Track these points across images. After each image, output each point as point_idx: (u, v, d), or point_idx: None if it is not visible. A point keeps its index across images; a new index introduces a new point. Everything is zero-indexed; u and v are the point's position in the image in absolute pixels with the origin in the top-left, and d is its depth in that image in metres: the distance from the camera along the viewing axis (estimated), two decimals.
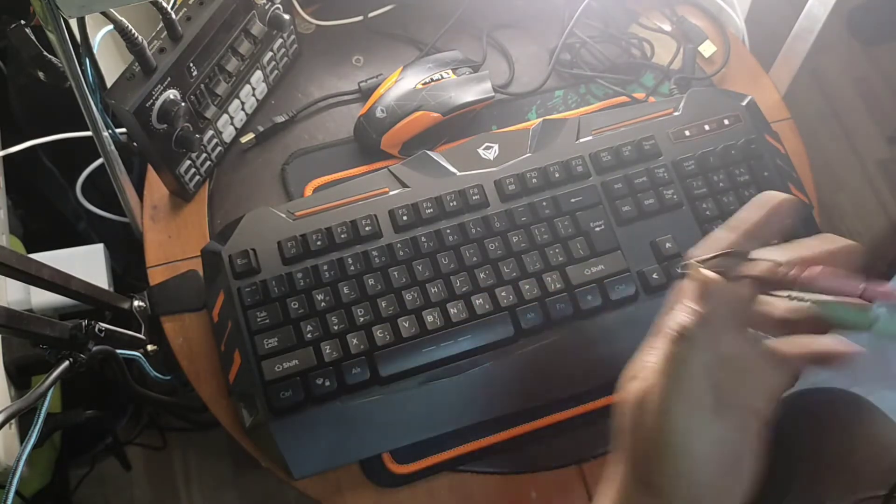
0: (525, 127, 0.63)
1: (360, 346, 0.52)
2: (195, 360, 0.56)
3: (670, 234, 0.57)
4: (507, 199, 0.57)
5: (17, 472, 0.42)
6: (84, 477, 0.94)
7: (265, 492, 1.06)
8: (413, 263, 0.55)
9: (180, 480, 1.07)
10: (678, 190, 0.58)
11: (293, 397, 0.51)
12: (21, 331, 0.43)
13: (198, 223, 0.61)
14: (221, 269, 0.54)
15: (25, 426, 0.49)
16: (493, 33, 0.70)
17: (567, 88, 0.68)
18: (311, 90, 0.67)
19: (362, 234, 0.55)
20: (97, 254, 0.62)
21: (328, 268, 0.54)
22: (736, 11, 0.71)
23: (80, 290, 0.50)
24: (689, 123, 0.61)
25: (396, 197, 0.57)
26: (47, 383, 0.44)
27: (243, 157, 0.64)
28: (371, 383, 0.52)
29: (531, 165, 0.58)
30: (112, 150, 0.53)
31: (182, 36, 0.52)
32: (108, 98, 0.50)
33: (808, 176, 0.64)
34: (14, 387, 0.56)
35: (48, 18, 0.41)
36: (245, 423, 0.52)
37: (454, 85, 0.63)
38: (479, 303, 0.54)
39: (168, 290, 0.58)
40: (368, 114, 0.63)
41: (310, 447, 0.51)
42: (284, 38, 0.64)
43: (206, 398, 0.55)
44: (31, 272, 0.44)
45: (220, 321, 0.54)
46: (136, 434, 0.99)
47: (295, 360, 0.52)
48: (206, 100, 0.57)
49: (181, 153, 0.57)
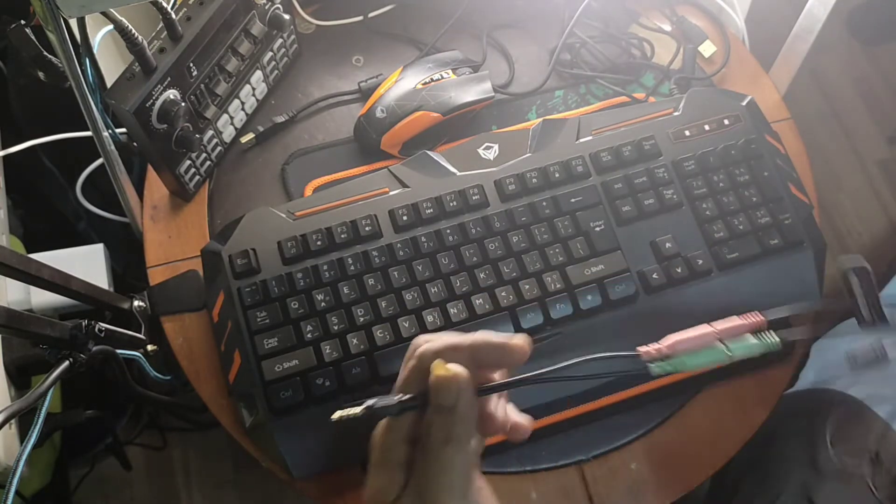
0: (525, 127, 0.63)
1: (360, 346, 0.52)
2: (195, 360, 0.56)
3: (670, 234, 0.57)
4: (507, 199, 0.57)
5: (17, 472, 0.42)
6: (84, 477, 0.94)
7: (265, 492, 1.06)
8: (413, 263, 0.55)
9: (180, 480, 1.07)
10: (678, 190, 0.58)
11: (293, 397, 0.51)
12: (21, 331, 0.43)
13: (198, 223, 0.61)
14: (221, 269, 0.54)
15: (25, 426, 0.49)
16: (493, 33, 0.70)
17: (567, 88, 0.68)
18: (311, 90, 0.67)
19: (362, 234, 0.55)
20: (97, 254, 0.62)
21: (328, 268, 0.54)
22: (736, 11, 0.71)
23: (80, 290, 0.50)
24: (689, 123, 0.61)
25: (396, 197, 0.57)
26: (47, 383, 0.44)
27: (243, 157, 0.64)
28: (371, 383, 0.52)
29: (531, 165, 0.58)
30: (112, 150, 0.53)
31: (182, 36, 0.52)
32: (108, 98, 0.50)
33: (808, 176, 0.64)
34: (14, 387, 0.56)
35: (48, 18, 0.41)
36: (245, 423, 0.52)
37: (454, 85, 0.63)
38: (479, 303, 0.54)
39: (168, 290, 0.58)
40: (368, 114, 0.63)
41: (310, 447, 0.51)
42: (284, 38, 0.64)
43: (206, 398, 0.55)
44: (31, 272, 0.44)
45: (220, 321, 0.54)
46: (136, 434, 0.99)
47: (295, 360, 0.52)
48: (206, 100, 0.57)
49: (181, 153, 0.57)
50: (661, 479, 0.54)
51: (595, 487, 0.54)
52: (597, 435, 0.55)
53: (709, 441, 0.55)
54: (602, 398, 0.55)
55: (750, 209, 0.58)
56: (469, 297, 0.54)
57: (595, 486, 0.54)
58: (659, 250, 0.56)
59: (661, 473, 0.54)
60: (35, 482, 0.73)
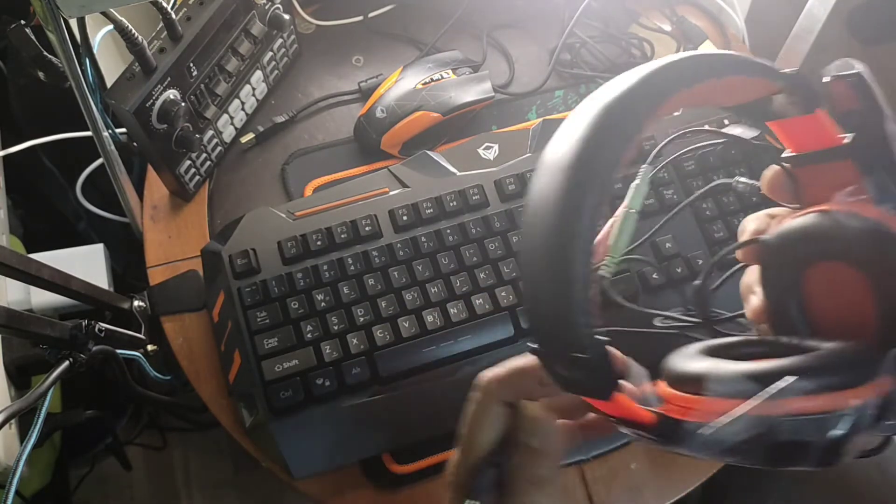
0: (525, 127, 0.63)
1: (360, 346, 0.52)
2: (195, 360, 0.56)
3: (670, 234, 0.57)
4: (507, 199, 0.57)
5: (17, 472, 0.42)
6: (84, 477, 0.94)
7: (265, 492, 1.06)
8: (413, 263, 0.55)
9: (180, 480, 1.07)
10: (678, 190, 0.58)
11: (293, 397, 0.51)
12: (21, 331, 0.43)
13: (198, 223, 0.61)
14: (221, 269, 0.54)
15: (25, 426, 0.49)
16: (493, 33, 0.70)
17: (567, 88, 0.68)
18: (311, 90, 0.67)
19: (362, 234, 0.55)
20: (97, 254, 0.62)
21: (328, 268, 0.54)
22: (736, 11, 0.71)
23: (80, 290, 0.50)
24: (690, 123, 0.61)
25: (396, 197, 0.57)
26: (47, 383, 0.44)
27: (243, 157, 0.64)
28: (371, 383, 0.52)
29: (531, 165, 0.58)
30: (112, 150, 0.53)
31: (182, 36, 0.52)
32: (108, 98, 0.50)
33: None
34: (14, 387, 0.56)
35: (48, 18, 0.41)
36: (245, 423, 0.52)
37: (454, 85, 0.63)
38: (479, 303, 0.54)
39: (168, 290, 0.58)
40: (368, 114, 0.63)
41: (310, 447, 0.51)
42: (284, 38, 0.64)
43: (206, 398, 0.55)
44: (31, 272, 0.44)
45: (220, 321, 0.54)
46: (136, 434, 0.99)
47: (295, 360, 0.52)
48: (206, 100, 0.57)
49: (181, 153, 0.57)
50: (661, 480, 0.54)
51: (595, 487, 0.54)
52: None
53: None
54: None
55: (750, 209, 0.58)
56: (469, 297, 0.54)
57: (595, 486, 0.54)
58: (659, 250, 0.56)
59: (661, 474, 0.54)
60: (35, 482, 0.73)
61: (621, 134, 0.26)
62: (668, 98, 0.27)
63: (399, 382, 0.52)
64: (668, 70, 0.28)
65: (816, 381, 0.25)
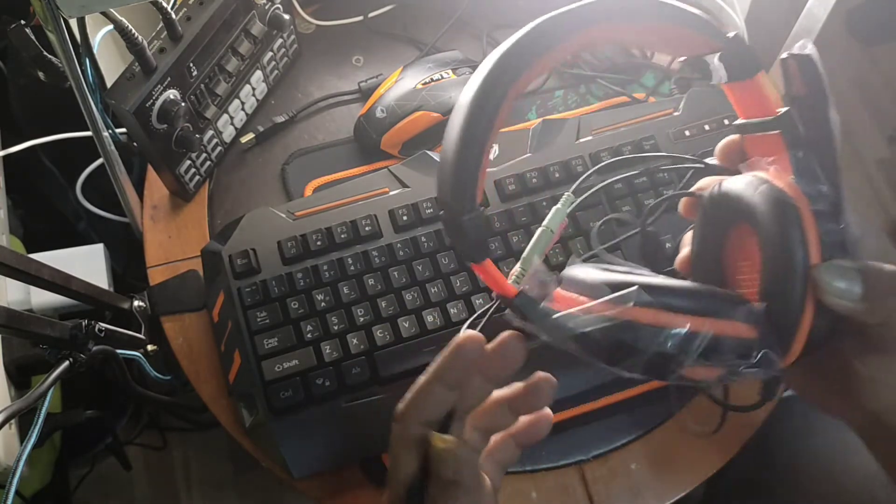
0: (525, 127, 0.63)
1: (360, 346, 0.52)
2: (195, 360, 0.56)
3: (670, 234, 0.57)
4: (506, 200, 0.57)
5: (17, 472, 0.42)
6: (84, 477, 0.94)
7: (265, 492, 1.06)
8: (413, 263, 0.55)
9: (180, 480, 1.07)
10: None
11: (293, 397, 0.51)
12: (21, 331, 0.43)
13: (198, 223, 0.61)
14: (221, 269, 0.54)
15: (25, 426, 0.49)
16: (493, 33, 0.70)
17: (567, 88, 0.68)
18: (311, 90, 0.67)
19: (362, 234, 0.55)
20: (97, 254, 0.62)
21: (328, 268, 0.54)
22: (736, 11, 0.71)
23: (80, 290, 0.50)
24: (689, 123, 0.61)
25: (396, 197, 0.57)
26: (47, 383, 0.44)
27: (243, 157, 0.64)
28: (371, 383, 0.52)
29: (531, 165, 0.58)
30: (112, 150, 0.53)
31: (182, 36, 0.52)
32: (108, 98, 0.50)
33: None
34: (14, 387, 0.56)
35: (48, 18, 0.41)
36: (245, 423, 0.52)
37: (454, 85, 0.63)
38: (479, 303, 0.54)
39: (168, 290, 0.58)
40: (368, 114, 0.63)
41: (310, 447, 0.51)
42: (284, 38, 0.64)
43: (206, 398, 0.55)
44: (31, 272, 0.44)
45: (220, 321, 0.54)
46: (136, 434, 0.99)
47: (295, 360, 0.52)
48: (206, 100, 0.57)
49: (181, 153, 0.57)
50: (661, 480, 0.54)
51: (595, 487, 0.54)
52: (597, 435, 0.55)
53: (709, 441, 0.55)
54: (602, 398, 0.55)
55: None
56: (469, 297, 0.54)
57: (595, 486, 0.54)
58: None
59: (661, 474, 0.54)
60: (35, 482, 0.73)
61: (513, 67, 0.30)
62: (577, 32, 0.31)
63: (399, 382, 0.52)
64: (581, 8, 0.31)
65: (658, 298, 0.28)
